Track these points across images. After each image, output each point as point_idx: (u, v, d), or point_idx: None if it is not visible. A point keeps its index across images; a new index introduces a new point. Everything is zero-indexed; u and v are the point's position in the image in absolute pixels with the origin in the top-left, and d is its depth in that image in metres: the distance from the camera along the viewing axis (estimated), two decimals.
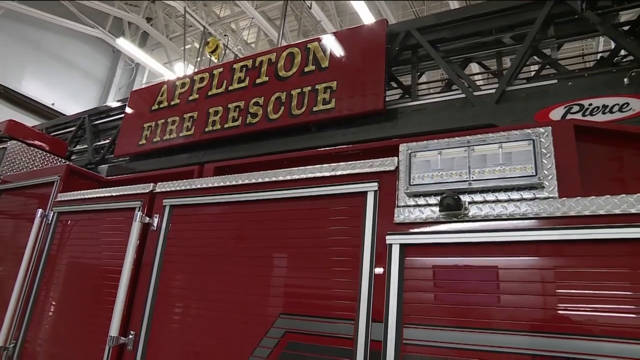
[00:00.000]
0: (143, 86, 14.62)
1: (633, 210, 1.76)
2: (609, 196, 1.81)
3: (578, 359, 1.66)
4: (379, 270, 2.11)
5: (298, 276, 2.38)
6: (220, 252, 2.73)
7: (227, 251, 2.71)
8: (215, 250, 2.76)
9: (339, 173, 2.41)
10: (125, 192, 3.33)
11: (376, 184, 2.27)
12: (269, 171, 2.70)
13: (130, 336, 2.81)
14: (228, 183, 2.85)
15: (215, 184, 2.91)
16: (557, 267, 1.80)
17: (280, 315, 2.32)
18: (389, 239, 2.11)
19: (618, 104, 3.50)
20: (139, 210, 3.09)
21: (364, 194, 2.28)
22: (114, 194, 3.39)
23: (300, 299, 2.31)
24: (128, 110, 6.69)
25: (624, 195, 1.79)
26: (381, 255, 2.13)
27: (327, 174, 2.44)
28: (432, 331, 1.92)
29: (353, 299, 2.13)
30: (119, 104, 7.61)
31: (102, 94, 18.99)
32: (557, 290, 1.78)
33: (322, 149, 3.11)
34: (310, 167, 2.53)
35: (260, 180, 2.71)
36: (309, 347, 2.18)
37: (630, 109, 3.46)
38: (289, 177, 2.60)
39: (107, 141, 7.23)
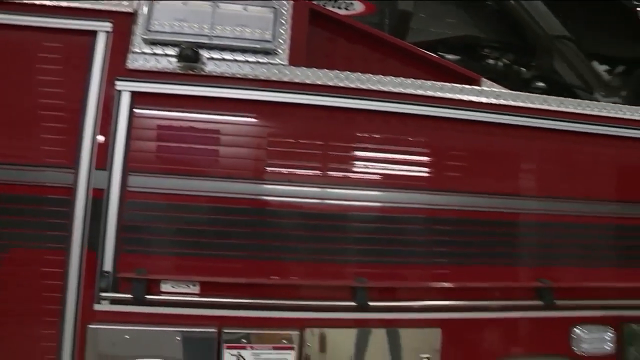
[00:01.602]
0: None
1: (341, 84, 2.12)
2: (327, 70, 2.12)
3: (266, 201, 2.05)
4: (105, 117, 1.98)
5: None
6: None
7: None
8: None
9: (64, 4, 2.05)
10: None
11: (110, 24, 2.04)
12: None
13: None
14: None
15: None
16: (277, 126, 2.08)
17: None
18: (119, 85, 1.98)
19: (345, 2, 4.01)
20: None
21: (93, 33, 2.03)
22: None
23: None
24: None
25: (337, 71, 2.13)
26: (109, 101, 1.99)
27: (47, 2, 2.05)
28: (157, 178, 1.97)
29: (73, 145, 1.97)
30: None
31: None
32: (269, 147, 2.06)
33: None
34: None
35: None
36: (17, 198, 1.94)
37: (353, 9, 4.01)
38: None
39: None
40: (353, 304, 2.03)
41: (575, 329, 2.30)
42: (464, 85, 2.29)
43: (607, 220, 2.45)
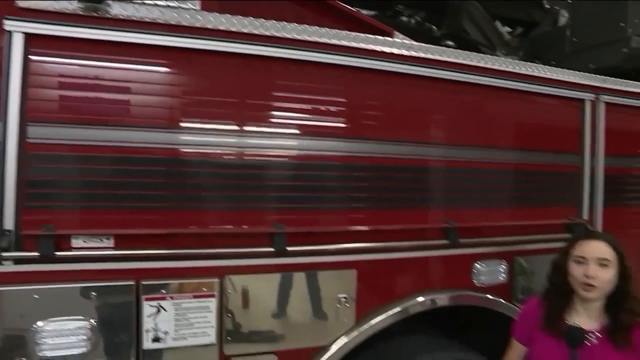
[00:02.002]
0: None
1: (256, 32, 2.09)
2: (241, 17, 2.07)
3: (181, 150, 2.01)
4: None
5: None
6: None
7: None
8: None
9: None
10: None
11: None
12: None
13: None
14: None
15: None
16: (188, 73, 2.02)
17: None
18: (9, 25, 1.77)
19: None
20: None
21: None
22: None
23: None
24: None
25: (252, 18, 2.09)
26: None
27: None
28: (61, 129, 1.84)
29: None
30: None
31: None
32: (180, 96, 2.00)
33: None
34: None
35: None
36: None
37: None
38: None
39: None
40: (272, 249, 2.08)
41: (475, 264, 2.55)
42: (377, 36, 2.35)
43: (507, 166, 2.71)
